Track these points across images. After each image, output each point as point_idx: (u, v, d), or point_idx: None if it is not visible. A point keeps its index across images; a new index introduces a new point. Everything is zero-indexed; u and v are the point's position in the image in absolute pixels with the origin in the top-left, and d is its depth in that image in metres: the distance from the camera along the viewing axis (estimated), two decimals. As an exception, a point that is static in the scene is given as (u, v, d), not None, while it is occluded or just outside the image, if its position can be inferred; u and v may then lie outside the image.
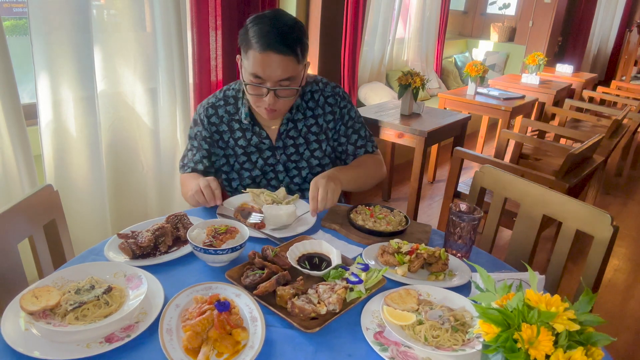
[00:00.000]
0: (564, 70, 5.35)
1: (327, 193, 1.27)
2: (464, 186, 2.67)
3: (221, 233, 1.12)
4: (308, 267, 1.08)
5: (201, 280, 1.04)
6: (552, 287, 1.34)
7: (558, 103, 4.54)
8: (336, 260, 1.08)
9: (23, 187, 1.82)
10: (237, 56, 1.38)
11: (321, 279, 1.05)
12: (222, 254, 1.06)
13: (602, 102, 4.81)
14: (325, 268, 1.07)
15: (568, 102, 4.12)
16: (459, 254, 1.21)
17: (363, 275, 1.02)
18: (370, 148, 1.58)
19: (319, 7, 3.01)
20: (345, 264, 1.10)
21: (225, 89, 1.53)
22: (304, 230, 1.28)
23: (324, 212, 1.37)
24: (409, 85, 2.89)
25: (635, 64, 7.80)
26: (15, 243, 1.12)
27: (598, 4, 7.03)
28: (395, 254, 1.11)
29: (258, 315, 0.90)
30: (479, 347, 0.82)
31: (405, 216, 1.35)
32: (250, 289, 0.99)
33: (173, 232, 1.19)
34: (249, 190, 1.41)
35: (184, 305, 0.92)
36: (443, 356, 0.85)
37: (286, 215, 1.28)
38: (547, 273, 1.36)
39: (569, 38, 6.85)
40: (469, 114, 3.20)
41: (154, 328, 0.87)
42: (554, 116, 4.44)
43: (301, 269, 1.07)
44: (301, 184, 1.55)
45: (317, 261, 1.11)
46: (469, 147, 3.63)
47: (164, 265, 1.09)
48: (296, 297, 0.96)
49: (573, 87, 5.06)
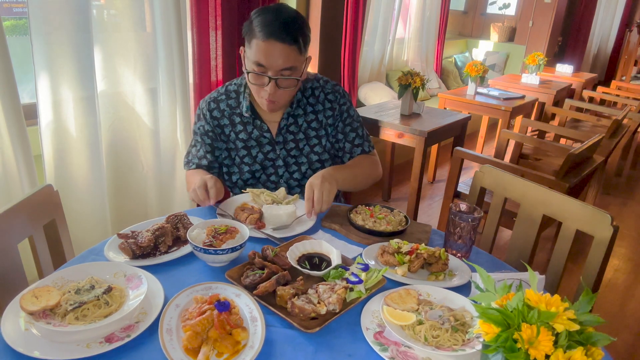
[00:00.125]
0: (564, 70, 5.35)
1: (322, 194, 1.28)
2: (464, 186, 2.67)
3: (221, 233, 1.12)
4: (308, 267, 1.08)
5: (201, 280, 1.04)
6: (552, 287, 1.34)
7: (558, 103, 4.54)
8: (336, 260, 1.08)
9: (23, 187, 1.82)
10: (241, 48, 1.40)
11: (321, 279, 1.05)
12: (222, 254, 1.06)
13: (602, 102, 4.81)
14: (325, 268, 1.07)
15: (568, 102, 4.12)
16: (459, 254, 1.21)
17: (363, 275, 1.02)
18: (367, 148, 1.59)
19: (319, 7, 3.01)
20: (345, 264, 1.10)
21: (227, 84, 1.56)
22: (304, 230, 1.28)
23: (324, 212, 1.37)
24: (409, 85, 2.89)
25: (635, 64, 7.81)
26: (15, 243, 1.12)
27: (598, 4, 7.03)
28: (395, 254, 1.11)
29: (258, 315, 0.90)
30: (479, 347, 0.82)
31: (405, 216, 1.35)
32: (250, 289, 0.99)
33: (173, 232, 1.19)
34: (249, 190, 1.41)
35: (184, 305, 0.92)
36: (443, 356, 0.85)
37: (286, 215, 1.28)
38: (547, 273, 1.36)
39: (569, 38, 6.85)
40: (469, 114, 3.20)
41: (154, 328, 0.87)
42: (554, 116, 4.44)
43: (301, 269, 1.07)
44: (300, 179, 1.55)
45: (317, 261, 1.11)
46: (469, 147, 3.64)
47: (164, 265, 1.09)
48: (296, 297, 0.96)
49: (573, 87, 5.06)
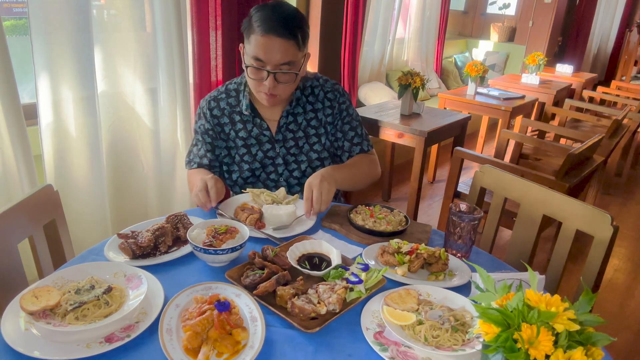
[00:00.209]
0: (564, 70, 5.35)
1: (320, 194, 1.29)
2: (464, 186, 2.67)
3: (221, 233, 1.12)
4: (308, 267, 1.08)
5: (201, 280, 1.04)
6: (552, 287, 1.34)
7: (558, 103, 4.54)
8: (336, 260, 1.08)
9: (23, 187, 1.82)
10: (240, 44, 1.41)
11: (321, 279, 1.05)
12: (222, 254, 1.06)
13: (602, 102, 4.81)
14: (325, 268, 1.07)
15: (568, 102, 4.12)
16: (459, 254, 1.21)
17: (363, 275, 1.02)
18: (365, 147, 1.59)
19: (319, 6, 3.01)
20: (345, 264, 1.10)
21: (227, 83, 1.57)
22: (304, 230, 1.28)
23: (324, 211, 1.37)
24: (409, 85, 2.89)
25: (635, 64, 7.81)
26: (15, 243, 1.12)
27: (598, 4, 7.03)
28: (395, 254, 1.11)
29: (258, 315, 0.90)
30: (479, 347, 0.82)
31: (405, 216, 1.35)
32: (250, 289, 0.99)
33: (173, 232, 1.19)
34: (249, 190, 1.41)
35: (184, 305, 0.92)
36: (443, 356, 0.85)
37: (286, 215, 1.28)
38: (547, 273, 1.36)
39: (569, 38, 6.84)
40: (469, 114, 3.20)
41: (154, 328, 0.87)
42: (554, 116, 4.44)
43: (301, 269, 1.07)
44: (300, 177, 1.56)
45: (317, 261, 1.11)
46: (469, 147, 3.64)
47: (164, 265, 1.09)
48: (296, 297, 0.96)
49: (573, 87, 5.06)
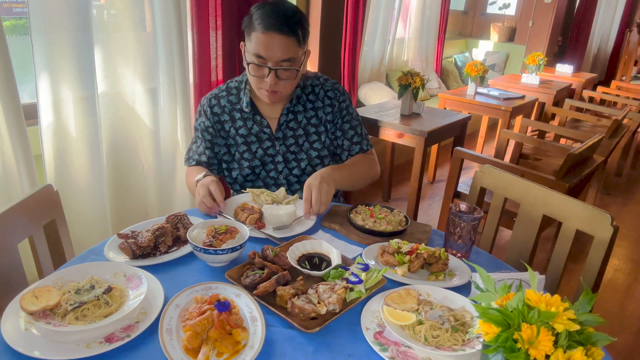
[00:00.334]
0: (564, 70, 5.35)
1: (320, 195, 1.29)
2: (464, 186, 2.67)
3: (221, 233, 1.12)
4: (308, 267, 1.08)
5: (201, 280, 1.04)
6: (552, 287, 1.34)
7: (558, 103, 4.54)
8: (336, 260, 1.08)
9: (23, 187, 1.82)
10: (241, 43, 1.42)
11: (321, 279, 1.05)
12: (222, 254, 1.06)
13: (602, 102, 4.81)
14: (325, 268, 1.07)
15: (568, 102, 4.12)
16: (459, 254, 1.21)
17: (363, 275, 1.02)
18: (365, 146, 1.59)
19: (319, 6, 3.01)
20: (345, 264, 1.10)
21: (228, 81, 1.58)
22: (304, 230, 1.28)
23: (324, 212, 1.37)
24: (409, 85, 2.89)
25: (635, 64, 7.81)
26: (15, 243, 1.12)
27: (598, 4, 7.03)
28: (395, 254, 1.11)
29: (258, 315, 0.90)
30: (479, 347, 0.82)
31: (405, 216, 1.35)
32: (250, 289, 0.99)
33: (173, 232, 1.19)
34: (249, 190, 1.41)
35: (184, 305, 0.92)
36: (443, 356, 0.85)
37: (286, 215, 1.28)
38: (547, 273, 1.36)
39: (569, 38, 6.84)
40: (469, 114, 3.20)
41: (154, 328, 0.87)
42: (554, 116, 4.44)
43: (301, 269, 1.07)
44: (300, 175, 1.56)
45: (317, 261, 1.11)
46: (469, 147, 3.64)
47: (164, 265, 1.09)
48: (296, 297, 0.96)
49: (573, 87, 5.06)
